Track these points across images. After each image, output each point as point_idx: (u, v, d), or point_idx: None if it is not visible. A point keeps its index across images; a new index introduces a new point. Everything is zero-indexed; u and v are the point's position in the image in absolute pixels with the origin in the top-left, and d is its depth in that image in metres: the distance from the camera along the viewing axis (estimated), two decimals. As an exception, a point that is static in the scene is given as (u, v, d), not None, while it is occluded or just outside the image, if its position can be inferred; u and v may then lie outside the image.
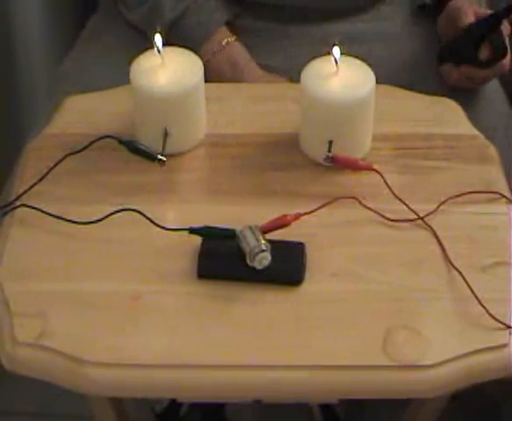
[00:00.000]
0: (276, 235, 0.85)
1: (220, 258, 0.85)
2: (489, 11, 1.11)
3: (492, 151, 0.98)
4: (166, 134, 0.94)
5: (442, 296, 0.83)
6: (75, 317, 0.81)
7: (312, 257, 0.85)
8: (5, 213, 0.90)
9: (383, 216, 0.89)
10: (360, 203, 0.90)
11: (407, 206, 0.90)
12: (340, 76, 0.93)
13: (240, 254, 0.83)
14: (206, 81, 0.96)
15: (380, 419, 1.34)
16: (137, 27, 1.17)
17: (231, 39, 1.13)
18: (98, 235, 0.88)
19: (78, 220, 0.88)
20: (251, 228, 0.84)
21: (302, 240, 0.86)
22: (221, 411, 1.35)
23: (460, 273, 0.84)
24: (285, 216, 0.86)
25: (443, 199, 0.91)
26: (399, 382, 0.78)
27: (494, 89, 1.15)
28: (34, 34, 1.42)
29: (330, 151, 0.93)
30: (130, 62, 0.95)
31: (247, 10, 1.17)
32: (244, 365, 0.78)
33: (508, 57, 1.08)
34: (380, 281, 0.84)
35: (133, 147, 0.94)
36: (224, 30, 1.14)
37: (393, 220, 0.89)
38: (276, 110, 1.02)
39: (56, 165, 0.94)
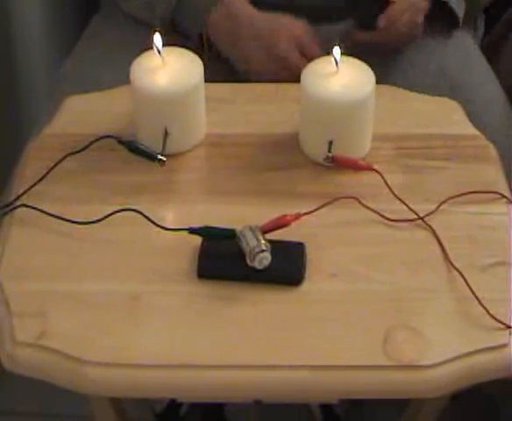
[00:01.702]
0: (276, 235, 0.85)
1: (220, 258, 0.85)
2: None
3: (492, 151, 0.98)
4: (166, 134, 0.94)
5: (442, 296, 0.83)
6: (75, 317, 0.81)
7: (312, 257, 0.86)
8: (5, 213, 0.90)
9: (383, 216, 0.89)
10: (360, 203, 0.90)
11: (407, 206, 0.90)
12: (340, 76, 0.93)
13: (240, 254, 0.83)
14: (206, 79, 0.96)
15: (380, 419, 1.34)
16: (138, 27, 1.16)
17: None
18: (98, 235, 0.88)
19: (78, 220, 0.88)
20: (251, 228, 0.84)
21: (302, 240, 0.86)
22: (221, 411, 1.35)
23: (460, 273, 0.84)
24: (285, 216, 0.86)
25: (443, 199, 0.91)
26: (399, 382, 0.78)
27: (494, 89, 1.15)
28: (35, 34, 1.42)
29: (330, 151, 0.93)
30: (131, 63, 0.95)
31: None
32: (244, 365, 0.78)
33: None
34: (380, 281, 0.84)
35: (133, 147, 0.94)
36: None
37: (393, 220, 0.89)
38: (276, 110, 1.02)
39: (56, 165, 0.94)
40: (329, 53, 0.93)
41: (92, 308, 0.82)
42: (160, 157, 0.93)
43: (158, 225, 0.87)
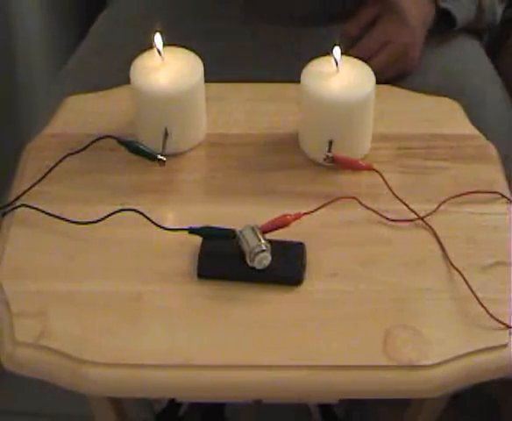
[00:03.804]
0: (276, 235, 0.85)
1: (220, 258, 0.85)
2: None
3: (492, 151, 0.98)
4: (166, 134, 0.94)
5: (442, 296, 0.83)
6: (75, 317, 0.81)
7: (312, 257, 0.86)
8: (5, 213, 0.90)
9: (383, 216, 0.89)
10: (360, 203, 0.90)
11: (407, 206, 0.90)
12: (340, 76, 0.93)
13: (240, 254, 0.83)
14: (206, 80, 0.96)
15: (380, 419, 1.34)
16: (144, 25, 1.16)
17: None
18: (98, 235, 0.88)
19: (78, 220, 0.88)
20: (251, 228, 0.84)
21: (302, 240, 0.86)
22: (221, 411, 1.35)
23: (460, 273, 0.84)
24: (285, 216, 0.86)
25: (443, 199, 0.91)
26: (399, 382, 0.78)
27: (494, 88, 1.15)
28: (35, 33, 1.42)
29: (330, 151, 0.93)
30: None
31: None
32: (244, 365, 0.78)
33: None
34: (380, 281, 0.84)
35: (133, 147, 0.94)
36: None
37: (393, 220, 0.89)
38: (276, 110, 1.02)
39: (56, 165, 0.94)
40: (329, 53, 0.93)
41: (92, 308, 0.82)
42: (159, 157, 0.93)
43: (158, 225, 0.87)
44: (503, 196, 0.92)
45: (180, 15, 1.18)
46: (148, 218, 0.87)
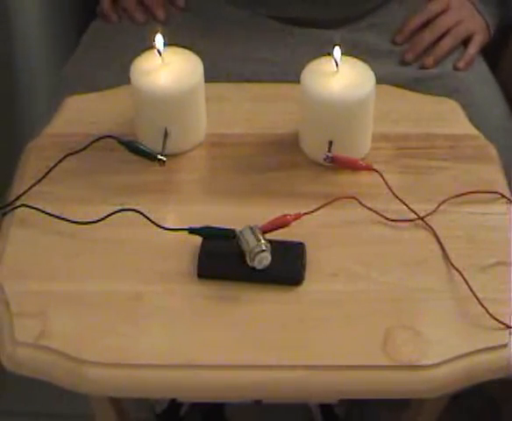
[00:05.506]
0: (276, 235, 0.85)
1: (220, 258, 0.85)
2: None
3: (492, 151, 0.98)
4: (166, 134, 0.94)
5: (442, 296, 0.83)
6: (75, 317, 0.81)
7: (312, 257, 0.86)
8: (5, 213, 0.90)
9: (383, 216, 0.89)
10: (360, 203, 0.90)
11: (407, 206, 0.90)
12: (340, 76, 0.93)
13: (240, 254, 0.83)
14: (206, 79, 0.96)
15: (380, 419, 1.34)
16: (137, 31, 1.16)
17: None
18: (98, 235, 0.88)
19: (78, 220, 0.88)
20: (251, 228, 0.84)
21: (302, 240, 0.86)
22: (221, 411, 1.35)
23: (460, 273, 0.84)
24: (285, 216, 0.86)
25: (443, 199, 0.91)
26: (399, 382, 0.78)
27: (493, 89, 1.15)
28: (35, 37, 1.42)
29: (330, 151, 0.93)
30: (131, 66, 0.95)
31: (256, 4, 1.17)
32: (244, 365, 0.78)
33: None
34: (380, 281, 0.84)
35: (133, 147, 0.94)
36: None
37: (393, 220, 0.89)
38: (276, 110, 1.02)
39: (56, 165, 0.94)
40: (329, 53, 0.93)
41: (92, 308, 0.82)
42: (159, 157, 0.93)
43: (158, 225, 0.87)
44: (503, 196, 0.92)
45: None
46: (148, 218, 0.87)
